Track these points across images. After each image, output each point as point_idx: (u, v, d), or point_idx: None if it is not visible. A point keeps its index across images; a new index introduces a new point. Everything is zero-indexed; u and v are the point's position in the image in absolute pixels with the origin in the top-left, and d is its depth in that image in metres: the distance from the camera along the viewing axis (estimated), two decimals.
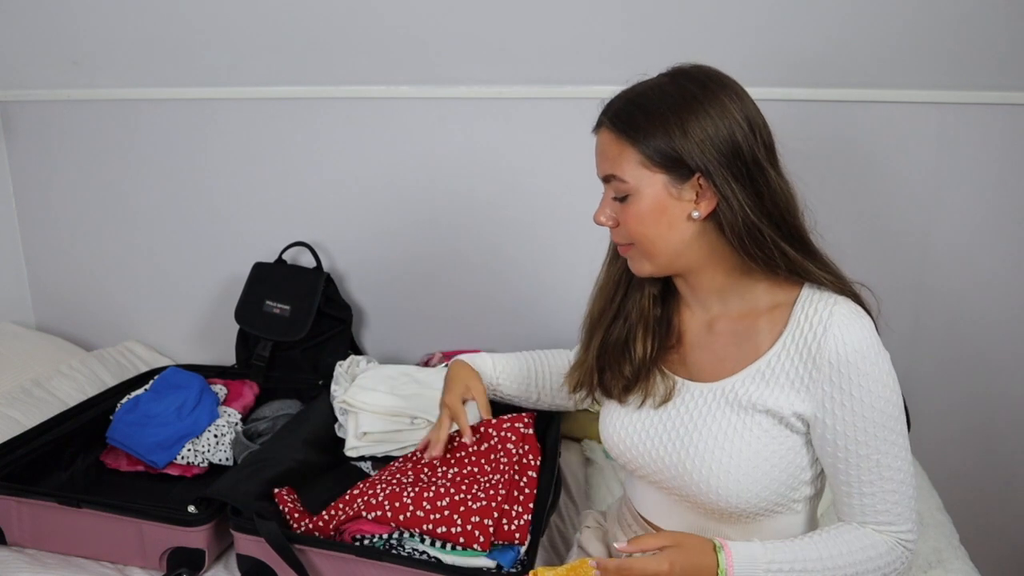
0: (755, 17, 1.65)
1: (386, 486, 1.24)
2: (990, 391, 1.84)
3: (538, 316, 1.94)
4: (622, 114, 0.98)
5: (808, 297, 0.99)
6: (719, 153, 0.94)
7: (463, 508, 1.19)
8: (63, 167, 2.07)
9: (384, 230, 1.96)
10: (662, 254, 1.00)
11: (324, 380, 1.76)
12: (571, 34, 1.73)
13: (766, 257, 0.97)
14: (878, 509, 0.98)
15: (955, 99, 1.66)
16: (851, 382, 0.94)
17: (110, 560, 1.35)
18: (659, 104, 0.96)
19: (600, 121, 1.01)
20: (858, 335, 0.95)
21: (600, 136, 1.01)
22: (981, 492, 1.88)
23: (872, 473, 0.96)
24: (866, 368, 0.94)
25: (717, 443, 0.99)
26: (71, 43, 1.93)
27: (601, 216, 1.03)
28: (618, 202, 1.00)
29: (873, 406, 0.95)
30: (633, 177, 0.97)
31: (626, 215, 0.99)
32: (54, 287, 2.18)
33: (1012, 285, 1.76)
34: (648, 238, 0.99)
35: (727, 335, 1.04)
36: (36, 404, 1.73)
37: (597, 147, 1.02)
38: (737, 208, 0.95)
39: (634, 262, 1.04)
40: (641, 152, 0.96)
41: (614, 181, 0.99)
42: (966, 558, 1.30)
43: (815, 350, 0.96)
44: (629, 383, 1.08)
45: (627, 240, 1.02)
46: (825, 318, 0.96)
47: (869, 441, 0.96)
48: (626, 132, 0.97)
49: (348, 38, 1.80)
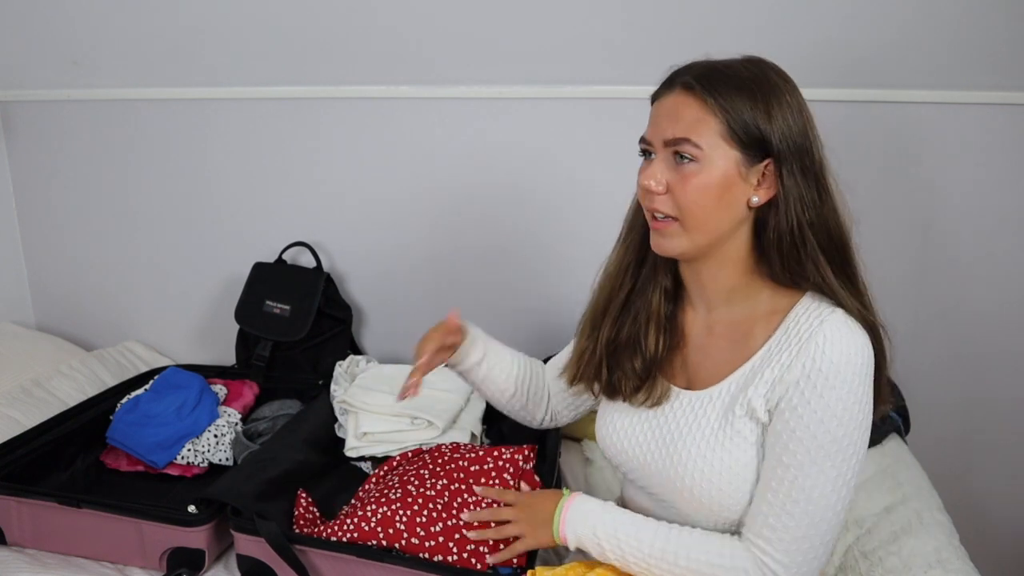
0: (755, 17, 1.64)
1: (377, 507, 1.23)
2: (990, 391, 1.83)
3: (538, 316, 1.93)
4: (710, 80, 0.93)
5: (807, 305, 0.97)
6: (794, 144, 0.93)
7: (458, 536, 1.18)
8: (63, 167, 2.07)
9: (384, 230, 1.96)
10: (708, 233, 0.95)
11: (324, 380, 1.76)
12: (571, 34, 1.73)
13: (797, 264, 0.95)
14: (766, 523, 0.93)
15: (955, 99, 1.66)
16: (813, 391, 0.90)
17: (110, 560, 1.34)
18: (748, 81, 0.93)
19: (677, 82, 0.95)
20: (842, 348, 0.90)
21: (674, 97, 0.95)
22: (981, 492, 1.88)
23: (781, 484, 0.92)
24: (835, 383, 0.90)
25: (700, 452, 0.98)
26: (71, 43, 1.93)
27: (651, 180, 0.95)
28: (676, 169, 0.94)
29: (821, 422, 0.90)
30: (709, 146, 0.92)
31: (686, 184, 0.93)
32: (54, 287, 2.18)
33: (1012, 285, 1.76)
34: (704, 212, 0.94)
35: (724, 339, 1.03)
36: (36, 404, 1.73)
37: (663, 108, 0.96)
38: (795, 203, 0.93)
39: (668, 238, 0.97)
40: (725, 123, 0.92)
41: (685, 145, 0.93)
42: (966, 558, 1.30)
43: (795, 353, 0.93)
44: (640, 382, 1.05)
45: (673, 212, 0.95)
46: (815, 325, 0.93)
47: (798, 453, 0.91)
48: (714, 98, 0.92)
49: (348, 38, 1.80)
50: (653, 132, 0.97)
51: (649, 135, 0.98)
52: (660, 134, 0.96)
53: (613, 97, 1.74)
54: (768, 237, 0.96)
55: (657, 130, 0.96)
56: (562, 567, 1.09)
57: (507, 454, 1.32)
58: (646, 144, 0.99)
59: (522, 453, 1.34)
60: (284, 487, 1.35)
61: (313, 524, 1.31)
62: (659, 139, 0.96)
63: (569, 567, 1.08)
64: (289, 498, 1.34)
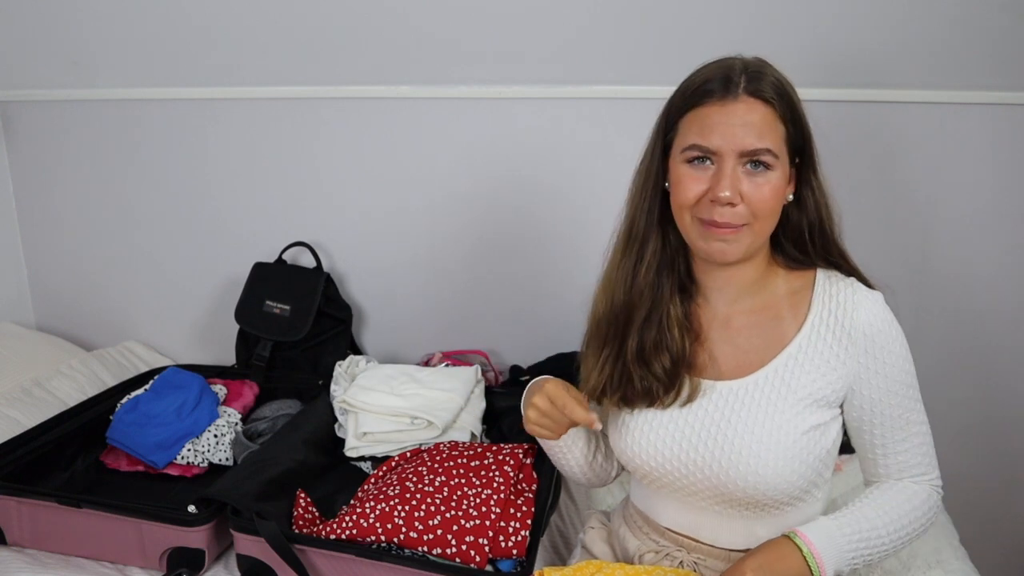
0: (755, 17, 1.64)
1: (375, 504, 1.23)
2: (990, 390, 1.83)
3: (539, 316, 1.94)
4: (776, 89, 0.96)
5: (825, 280, 1.05)
6: (811, 143, 1.01)
7: (456, 527, 1.18)
8: (63, 167, 2.07)
9: (384, 230, 1.96)
10: (766, 234, 1.01)
11: (324, 380, 1.76)
12: (571, 34, 1.72)
13: (823, 248, 1.04)
14: (912, 463, 1.05)
15: (955, 99, 1.66)
16: (883, 350, 1.01)
17: (110, 560, 1.35)
18: (787, 85, 0.99)
19: (742, 88, 0.95)
20: (882, 309, 1.02)
21: (744, 105, 0.95)
22: (982, 492, 1.88)
23: (903, 431, 1.04)
24: (893, 336, 1.02)
25: (754, 436, 0.99)
26: (71, 43, 1.93)
27: (728, 191, 0.94)
28: (750, 177, 0.96)
29: (902, 369, 1.02)
30: (780, 153, 0.97)
31: (762, 191, 0.96)
32: (54, 287, 2.18)
33: (1012, 285, 1.76)
34: (773, 216, 0.99)
35: (748, 329, 1.05)
36: (36, 404, 1.73)
37: (734, 117, 0.94)
38: (817, 194, 1.02)
39: (735, 243, 0.98)
40: (788, 130, 0.97)
41: (765, 155, 0.95)
42: (966, 558, 1.30)
43: (848, 326, 1.01)
44: (671, 383, 1.05)
45: (747, 219, 0.96)
46: (850, 296, 1.02)
47: (900, 403, 1.02)
48: (783, 107, 0.97)
49: (348, 38, 1.80)
50: (723, 141, 0.95)
51: (717, 144, 0.95)
52: (736, 144, 0.94)
53: (613, 97, 1.74)
54: (791, 228, 1.04)
55: (731, 140, 0.94)
56: (570, 567, 1.08)
57: (507, 448, 1.32)
58: (707, 152, 0.96)
59: (521, 448, 1.34)
60: (284, 487, 1.35)
61: (312, 524, 1.31)
62: (734, 149, 0.94)
63: (577, 567, 1.07)
64: (289, 498, 1.34)
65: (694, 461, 1.03)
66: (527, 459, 1.35)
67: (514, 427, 1.63)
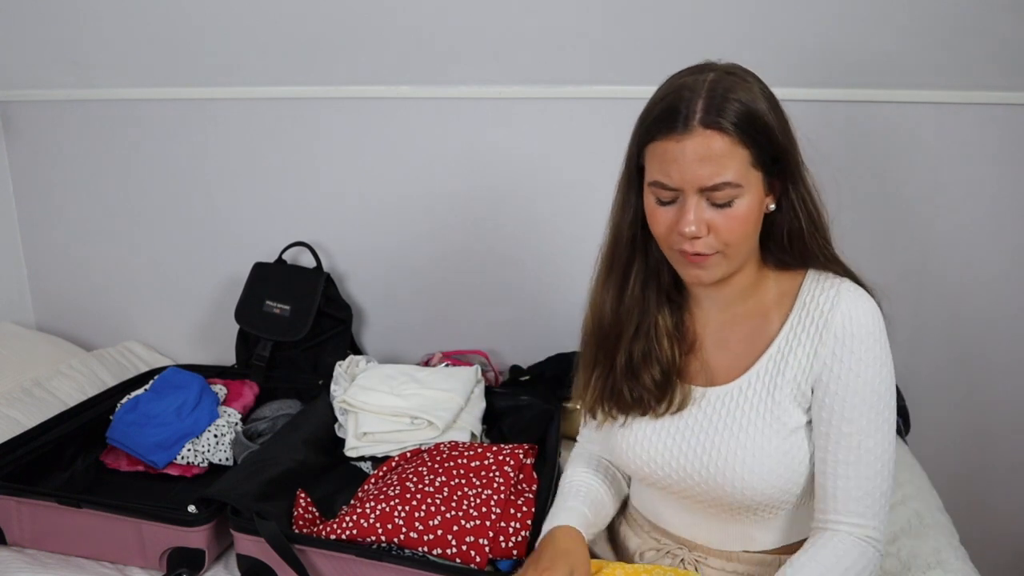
0: (754, 17, 1.64)
1: (375, 504, 1.23)
2: (990, 391, 1.83)
3: (538, 316, 1.94)
4: (735, 113, 0.90)
5: (813, 279, 1.02)
6: (789, 143, 0.95)
7: (456, 527, 1.18)
8: (63, 167, 2.07)
9: (384, 230, 1.96)
10: (745, 253, 0.98)
11: (324, 380, 1.76)
12: (571, 34, 1.72)
13: (811, 250, 1.00)
14: (851, 496, 0.96)
15: (955, 99, 1.66)
16: (851, 355, 0.96)
17: (110, 560, 1.34)
18: (756, 100, 0.92)
19: (693, 121, 0.90)
20: (864, 310, 0.97)
21: (697, 139, 0.90)
22: (981, 492, 1.88)
23: (851, 454, 0.96)
24: (868, 343, 0.96)
25: (739, 443, 0.99)
26: (71, 43, 1.93)
27: (693, 227, 0.92)
28: (716, 208, 0.92)
29: (867, 382, 0.96)
30: (744, 179, 0.91)
31: (731, 221, 0.92)
32: (54, 287, 2.18)
33: (1012, 285, 1.76)
34: (747, 238, 0.96)
35: (739, 333, 1.05)
36: (36, 404, 1.73)
37: (688, 153, 0.90)
38: (802, 197, 0.97)
39: (709, 269, 0.97)
40: (753, 152, 0.91)
41: (726, 188, 0.91)
42: (966, 558, 1.30)
43: (822, 325, 0.98)
44: (661, 393, 1.05)
45: (717, 248, 0.94)
46: (833, 295, 0.98)
47: (855, 419, 0.96)
48: (744, 132, 0.90)
49: (348, 38, 1.80)
50: (682, 178, 0.91)
51: (676, 182, 0.92)
52: (695, 181, 0.91)
53: (613, 97, 1.74)
54: (778, 233, 1.00)
55: (690, 177, 0.91)
56: None
57: (507, 448, 1.32)
58: (667, 190, 0.94)
59: (522, 448, 1.34)
60: (284, 487, 1.35)
61: (312, 524, 1.31)
62: (693, 186, 0.91)
63: None
64: (289, 498, 1.34)
65: (685, 468, 1.03)
66: (527, 459, 1.36)
67: (514, 427, 1.63)
